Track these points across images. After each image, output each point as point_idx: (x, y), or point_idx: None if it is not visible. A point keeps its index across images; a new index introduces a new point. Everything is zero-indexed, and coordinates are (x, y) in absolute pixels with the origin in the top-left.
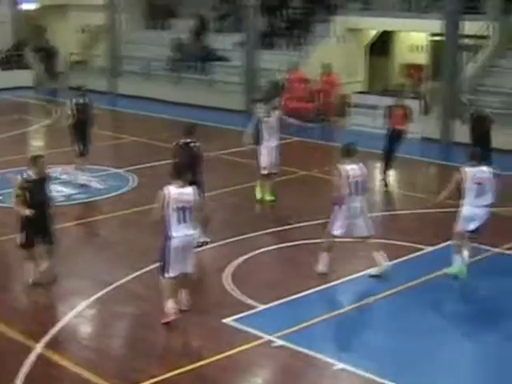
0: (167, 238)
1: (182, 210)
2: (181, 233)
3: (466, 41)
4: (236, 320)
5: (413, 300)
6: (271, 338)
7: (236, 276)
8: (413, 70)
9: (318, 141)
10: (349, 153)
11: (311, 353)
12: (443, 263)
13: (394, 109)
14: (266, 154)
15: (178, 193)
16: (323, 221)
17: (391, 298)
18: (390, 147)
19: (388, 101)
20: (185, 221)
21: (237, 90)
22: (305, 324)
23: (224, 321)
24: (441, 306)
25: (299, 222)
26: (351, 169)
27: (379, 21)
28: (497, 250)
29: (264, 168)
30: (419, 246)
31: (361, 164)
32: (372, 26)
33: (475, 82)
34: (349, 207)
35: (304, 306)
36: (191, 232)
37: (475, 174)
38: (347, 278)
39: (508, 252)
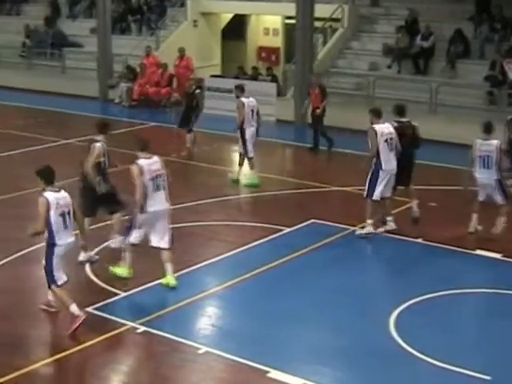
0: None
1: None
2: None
3: (319, 23)
4: (97, 308)
5: (275, 282)
6: (134, 324)
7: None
8: (267, 53)
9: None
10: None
11: (175, 338)
12: (304, 243)
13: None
14: None
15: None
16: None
17: (255, 280)
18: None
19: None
20: None
21: (91, 76)
22: (168, 309)
23: (87, 309)
24: (303, 287)
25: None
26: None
27: (233, 4)
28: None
29: None
30: (279, 227)
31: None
32: (226, 9)
33: (328, 63)
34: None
35: (165, 291)
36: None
37: None
38: (208, 262)
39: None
